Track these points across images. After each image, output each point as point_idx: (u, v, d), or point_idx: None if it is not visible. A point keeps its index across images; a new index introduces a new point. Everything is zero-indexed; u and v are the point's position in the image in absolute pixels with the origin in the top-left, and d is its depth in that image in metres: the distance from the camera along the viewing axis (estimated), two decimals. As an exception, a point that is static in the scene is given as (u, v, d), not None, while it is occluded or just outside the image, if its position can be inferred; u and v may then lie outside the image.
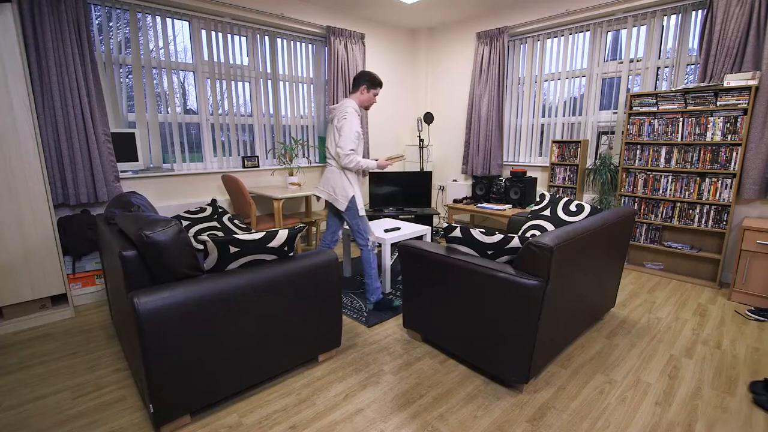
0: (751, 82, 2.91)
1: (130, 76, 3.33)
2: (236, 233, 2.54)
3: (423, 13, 4.56)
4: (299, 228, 1.90)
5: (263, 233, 1.79)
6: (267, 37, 4.06)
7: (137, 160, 3.29)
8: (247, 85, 4.00)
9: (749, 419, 1.74)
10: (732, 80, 2.99)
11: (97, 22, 3.11)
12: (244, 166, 3.95)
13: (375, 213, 4.43)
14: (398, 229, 3.17)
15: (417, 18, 4.77)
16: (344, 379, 2.01)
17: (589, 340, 2.39)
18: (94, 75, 2.94)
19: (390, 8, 4.36)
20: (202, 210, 2.68)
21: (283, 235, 1.82)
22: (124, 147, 3.21)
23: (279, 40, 4.15)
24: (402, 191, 4.62)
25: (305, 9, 4.13)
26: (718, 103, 3.07)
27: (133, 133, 3.24)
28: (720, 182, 3.13)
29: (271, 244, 1.80)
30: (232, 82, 3.87)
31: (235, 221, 2.69)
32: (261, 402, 1.83)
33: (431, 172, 4.61)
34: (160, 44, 3.43)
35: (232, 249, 1.70)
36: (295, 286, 1.87)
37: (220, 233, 2.53)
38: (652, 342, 2.37)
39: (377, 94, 2.71)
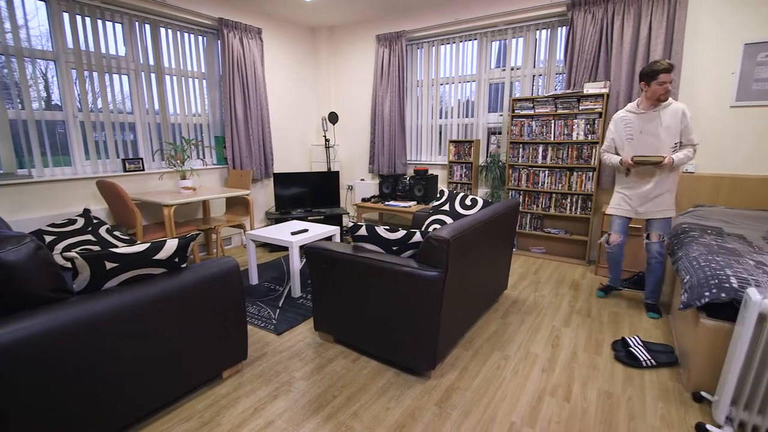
0: (603, 90, 3.45)
1: (-38, 63, 2.73)
2: (115, 246, 2.24)
3: (321, 11, 4.52)
4: (192, 236, 1.75)
5: (148, 244, 1.60)
6: (148, 26, 3.64)
7: (-21, 166, 2.70)
8: (125, 78, 3.55)
9: (612, 373, 2.06)
10: (589, 88, 3.52)
11: None
12: (125, 170, 3.50)
13: (282, 215, 4.28)
14: (306, 231, 3.10)
15: (316, 16, 4.71)
16: (252, 392, 1.90)
17: (487, 322, 2.61)
18: None
19: (287, 4, 4.24)
20: (72, 222, 2.31)
21: (172, 245, 1.65)
22: (-41, 149, 2.62)
23: (163, 30, 3.76)
24: (310, 192, 4.54)
25: (192, -2, 3.80)
26: (580, 108, 3.58)
27: (-29, 133, 2.66)
28: (584, 175, 3.66)
29: (158, 256, 1.62)
30: (107, 75, 3.41)
31: (116, 233, 2.38)
32: (157, 431, 1.65)
33: (338, 171, 4.61)
34: (7, 27, 2.86)
35: (109, 265, 1.50)
36: (189, 300, 1.71)
37: (95, 247, 2.20)
38: (538, 317, 2.68)
39: (662, 82, 2.39)
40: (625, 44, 3.38)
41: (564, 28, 3.81)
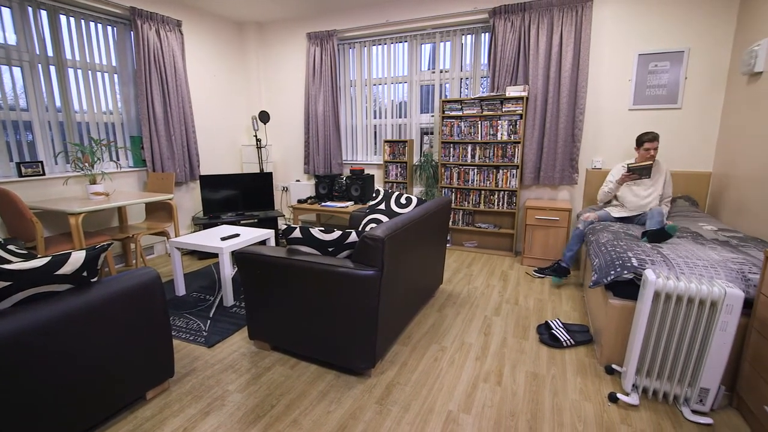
0: (523, 93, 3.71)
1: None
2: (9, 262, 1.95)
3: (245, 5, 4.34)
4: (102, 247, 1.58)
5: (48, 258, 1.42)
6: (44, 12, 3.23)
7: None
8: (17, 70, 3.12)
9: (538, 355, 2.22)
10: (511, 91, 3.76)
11: None
12: (21, 175, 3.07)
13: (211, 220, 4.04)
14: (237, 235, 2.96)
15: (241, 11, 4.51)
16: (181, 411, 1.77)
17: (425, 316, 2.69)
18: None
19: (210, -3, 4.01)
20: (-50, 236, 1.97)
21: (78, 257, 1.48)
22: None
23: (63, 18, 3.36)
24: (241, 194, 4.34)
25: (98, -16, 3.44)
26: (504, 110, 3.81)
27: None
28: (509, 173, 3.91)
29: (61, 271, 1.44)
30: (-8, 66, 2.96)
31: (10, 247, 2.07)
32: (65, 468, 1.46)
33: (272, 173, 4.45)
34: None
35: (-1, 283, 1.30)
36: (102, 317, 1.54)
37: (-18, 265, 1.90)
38: (471, 308, 2.82)
39: (648, 148, 2.99)
40: (540, 51, 3.66)
41: (487, 34, 4.03)
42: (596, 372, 2.06)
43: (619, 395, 1.83)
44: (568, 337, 2.32)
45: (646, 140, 3.05)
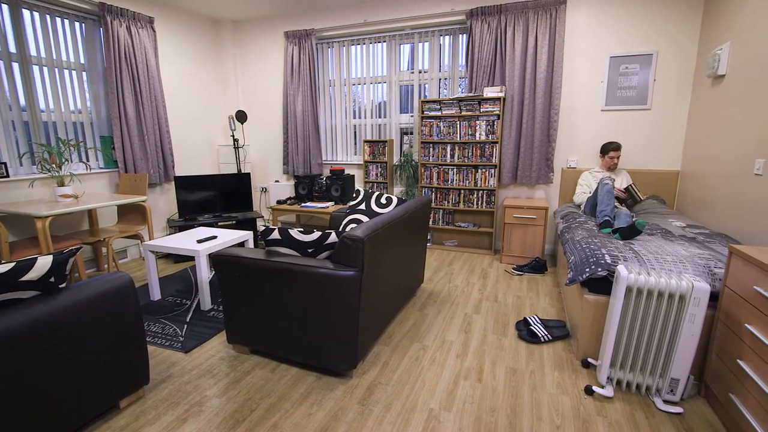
0: (500, 94, 3.77)
1: None
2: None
3: (222, 3, 4.26)
4: (71, 251, 1.52)
5: (12, 264, 1.35)
6: (5, 6, 3.08)
7: None
8: (-24, 67, 2.97)
9: (517, 350, 2.26)
10: (489, 92, 3.82)
11: None
12: (-18, 177, 2.93)
13: (187, 222, 3.94)
14: (214, 237, 2.90)
15: (217, 8, 4.42)
16: (157, 419, 1.72)
17: (406, 315, 2.70)
18: None
19: (183, -7, 3.91)
20: None
21: (44, 262, 1.42)
22: None
23: (27, 12, 3.21)
24: (218, 196, 4.25)
25: (64, -22, 3.31)
26: (481, 110, 3.86)
27: None
28: (488, 172, 3.97)
29: (27, 277, 1.38)
30: (-52, 62, 2.81)
31: (-31, 252, 1.97)
32: (33, 483, 1.40)
33: (249, 173, 4.38)
34: None
35: (-43, 291, 1.23)
36: (71, 324, 1.48)
37: (-60, 272, 1.80)
38: (452, 306, 2.84)
39: (612, 156, 3.34)
40: (516, 53, 3.73)
41: (464, 35, 4.08)
42: (573, 366, 2.11)
43: (594, 388, 1.88)
44: (546, 333, 2.37)
45: (611, 149, 3.34)
